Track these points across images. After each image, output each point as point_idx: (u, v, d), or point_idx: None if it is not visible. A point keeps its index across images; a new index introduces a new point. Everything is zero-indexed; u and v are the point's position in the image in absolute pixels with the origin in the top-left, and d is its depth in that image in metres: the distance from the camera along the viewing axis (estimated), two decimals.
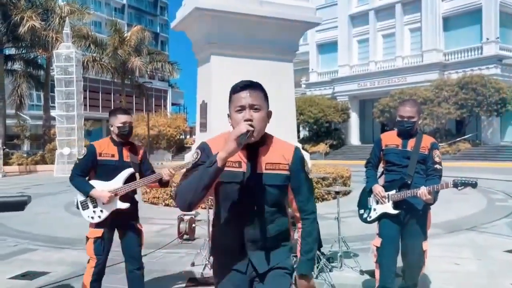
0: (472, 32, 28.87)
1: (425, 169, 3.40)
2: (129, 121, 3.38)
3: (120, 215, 3.34)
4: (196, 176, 1.76)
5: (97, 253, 3.31)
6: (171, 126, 35.40)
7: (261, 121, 1.83)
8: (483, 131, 28.57)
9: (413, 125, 3.38)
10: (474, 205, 8.79)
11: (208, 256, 4.59)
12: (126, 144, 3.44)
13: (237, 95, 1.85)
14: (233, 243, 1.90)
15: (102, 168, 3.34)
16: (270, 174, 1.86)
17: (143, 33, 26.84)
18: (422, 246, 3.40)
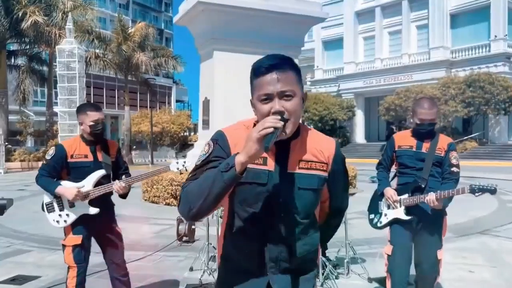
0: (480, 30, 28.46)
1: (440, 172, 3.15)
2: (101, 117, 3.07)
3: (95, 219, 3.08)
4: (208, 180, 1.36)
5: (78, 262, 3.06)
6: (174, 123, 35.19)
7: (296, 112, 1.41)
8: (490, 129, 28.19)
9: (433, 127, 3.16)
10: (484, 207, 8.50)
11: (207, 261, 4.35)
12: (98, 142, 3.14)
13: (261, 80, 1.41)
14: (250, 262, 1.50)
15: (76, 170, 3.05)
16: (304, 174, 1.46)
17: (147, 29, 26.60)
18: (436, 255, 3.16)
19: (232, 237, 1.53)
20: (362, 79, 33.40)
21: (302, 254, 1.51)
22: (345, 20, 34.93)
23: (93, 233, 3.16)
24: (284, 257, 1.48)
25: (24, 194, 11.04)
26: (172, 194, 8.68)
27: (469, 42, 28.71)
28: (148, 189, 9.35)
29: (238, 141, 1.43)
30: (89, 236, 3.14)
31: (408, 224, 3.16)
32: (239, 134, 1.47)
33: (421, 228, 3.16)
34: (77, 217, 3.04)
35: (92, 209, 3.05)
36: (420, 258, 3.20)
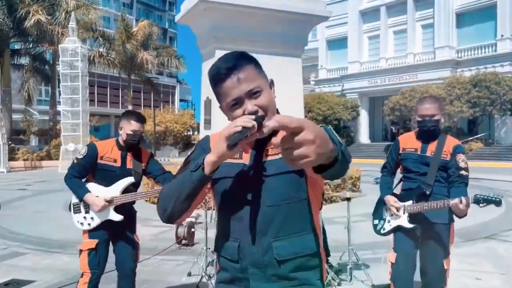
0: (486, 29, 28.17)
1: (446, 176, 2.96)
2: (141, 130, 3.03)
3: (115, 225, 3.01)
4: (179, 181, 1.32)
5: (92, 267, 2.97)
6: (178, 122, 35.13)
7: (270, 105, 1.32)
8: (496, 130, 27.91)
9: (437, 124, 2.96)
10: (491, 210, 8.23)
11: (205, 266, 4.22)
12: (131, 150, 3.09)
13: (223, 86, 1.31)
14: (234, 265, 1.36)
15: (101, 172, 3.02)
16: (273, 160, 1.32)
17: (151, 28, 26.56)
18: (443, 264, 3.00)
19: (220, 235, 1.42)
20: (366, 78, 33.16)
21: (284, 257, 1.31)
22: (349, 19, 34.69)
23: (111, 238, 3.09)
24: (266, 262, 1.32)
25: (25, 194, 10.96)
26: None
27: (475, 42, 28.41)
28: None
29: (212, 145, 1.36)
30: (107, 243, 3.06)
31: (412, 232, 3.02)
32: None
33: (426, 236, 3.01)
34: (101, 222, 2.98)
35: (116, 216, 3.00)
36: (425, 268, 3.06)
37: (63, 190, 3.18)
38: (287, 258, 1.32)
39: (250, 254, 1.33)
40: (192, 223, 5.69)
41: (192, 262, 4.57)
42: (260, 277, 1.33)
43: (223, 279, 1.42)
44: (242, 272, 1.35)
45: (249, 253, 1.33)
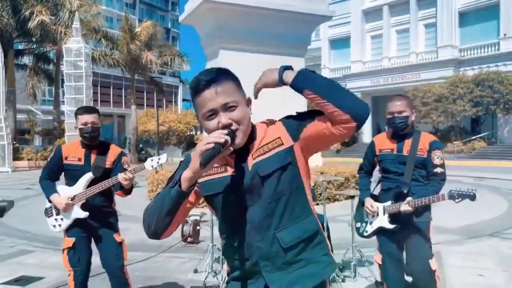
0: (489, 28, 28.13)
1: (425, 175, 2.96)
2: (91, 121, 2.97)
3: (91, 224, 3.05)
4: (160, 198, 1.40)
5: (73, 265, 3.03)
6: (181, 122, 35.21)
7: (244, 120, 1.39)
8: (499, 129, 27.86)
9: (406, 120, 2.92)
10: (494, 209, 8.35)
11: (211, 263, 4.28)
12: (94, 147, 3.09)
13: (201, 98, 1.38)
14: (246, 263, 1.46)
15: (68, 173, 3.06)
16: (261, 161, 1.42)
17: (155, 28, 26.62)
18: (430, 266, 2.93)
19: (225, 236, 1.53)
20: (369, 78, 33.18)
21: (290, 243, 1.42)
22: (352, 19, 34.71)
23: (90, 236, 3.12)
24: (273, 253, 1.42)
25: (30, 194, 11.05)
26: None
27: (478, 41, 28.39)
28: (154, 188, 9.31)
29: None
30: (85, 240, 3.09)
31: (393, 233, 3.01)
32: None
33: (408, 236, 2.98)
34: (70, 222, 3.02)
35: (81, 213, 3.01)
36: (413, 272, 3.01)
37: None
38: (292, 243, 1.43)
39: (257, 249, 1.43)
40: (197, 221, 5.75)
41: (198, 259, 4.64)
42: (271, 267, 1.43)
43: (236, 277, 1.52)
44: (253, 266, 1.45)
45: (257, 249, 1.43)
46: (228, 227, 1.51)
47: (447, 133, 28.00)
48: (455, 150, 25.71)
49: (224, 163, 1.45)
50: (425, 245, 2.95)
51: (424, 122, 27.71)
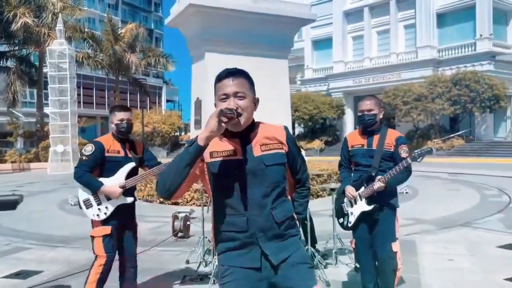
0: (465, 29, 28.99)
1: (392, 167, 3.23)
2: (126, 117, 3.38)
3: (123, 211, 3.35)
4: (177, 158, 1.73)
5: (108, 251, 3.29)
6: (165, 123, 35.29)
7: (247, 108, 1.78)
8: (476, 127, 28.73)
9: (374, 118, 3.26)
10: (467, 201, 8.84)
11: (203, 254, 4.59)
12: (126, 140, 3.47)
13: (221, 84, 1.80)
14: (242, 235, 1.79)
15: (110, 164, 3.34)
16: (267, 155, 1.82)
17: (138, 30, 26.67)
18: (391, 247, 3.25)
19: (223, 218, 1.83)
20: (351, 78, 33.79)
21: (281, 219, 1.82)
22: (334, 20, 35.28)
23: (121, 223, 3.39)
24: (269, 225, 1.80)
25: None
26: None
27: (455, 41, 29.21)
28: (142, 188, 9.54)
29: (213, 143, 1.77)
30: (118, 227, 3.37)
31: (364, 219, 3.31)
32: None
33: (376, 223, 3.29)
34: (114, 208, 3.30)
35: (128, 199, 3.35)
36: (376, 252, 3.31)
37: (55, 191, 3.44)
38: (282, 220, 1.85)
39: (256, 222, 1.79)
40: (187, 217, 6.04)
41: (188, 252, 4.94)
42: (265, 238, 1.81)
43: (231, 247, 1.83)
44: (250, 237, 1.80)
45: (255, 222, 1.79)
46: (229, 203, 1.82)
47: (427, 131, 28.75)
48: (434, 148, 26.43)
49: (231, 149, 1.81)
50: (389, 230, 3.27)
51: (405, 121, 28.41)
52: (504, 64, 28.13)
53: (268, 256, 1.80)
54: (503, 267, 4.49)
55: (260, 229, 1.80)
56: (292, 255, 1.84)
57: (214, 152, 1.81)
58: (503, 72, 27.95)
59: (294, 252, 1.86)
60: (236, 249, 1.82)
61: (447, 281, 4.13)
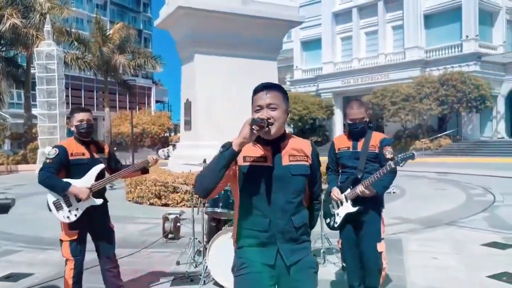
0: (452, 30, 29.34)
1: (378, 169, 3.31)
2: (86, 118, 3.38)
3: (93, 214, 3.36)
4: (213, 161, 1.92)
5: (74, 255, 3.31)
6: (155, 123, 35.16)
7: (278, 119, 1.95)
8: (463, 127, 29.11)
9: (365, 125, 3.40)
10: (452, 201, 9.01)
11: (193, 255, 4.64)
12: (90, 142, 3.48)
13: (256, 96, 1.99)
14: (263, 234, 1.98)
15: (76, 168, 3.32)
16: (294, 165, 1.99)
17: (127, 30, 26.53)
18: (376, 247, 3.33)
19: (246, 216, 2.01)
20: (340, 78, 34.01)
21: (299, 225, 2.00)
22: (323, 21, 35.47)
23: (89, 227, 3.40)
24: (288, 228, 1.98)
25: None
26: (155, 194, 8.90)
27: (442, 42, 29.55)
28: (132, 189, 9.55)
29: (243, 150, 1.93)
30: (85, 231, 3.39)
31: (349, 219, 3.39)
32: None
33: (361, 222, 3.37)
34: (83, 211, 3.30)
35: (97, 200, 3.35)
36: (362, 252, 3.38)
37: (44, 193, 3.42)
38: (299, 225, 2.03)
39: (277, 225, 1.98)
40: (177, 218, 6.08)
41: (178, 253, 4.99)
42: (282, 239, 1.99)
43: (252, 243, 2.02)
44: (269, 238, 1.99)
45: (277, 224, 1.97)
46: (255, 204, 1.99)
47: (415, 131, 29.06)
48: (422, 148, 26.76)
49: (263, 155, 1.98)
50: (374, 230, 3.36)
51: (393, 121, 28.68)
52: (490, 64, 28.55)
53: (282, 256, 1.98)
54: (486, 264, 4.62)
55: (280, 231, 1.97)
56: (303, 259, 2.01)
57: (247, 156, 1.98)
58: (489, 73, 28.37)
59: (305, 257, 2.03)
60: (255, 246, 2.01)
61: (433, 279, 4.24)
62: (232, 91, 9.67)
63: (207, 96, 9.76)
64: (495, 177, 13.28)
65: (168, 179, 8.72)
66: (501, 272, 4.28)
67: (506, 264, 4.55)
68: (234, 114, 9.34)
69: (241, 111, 9.56)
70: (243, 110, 8.90)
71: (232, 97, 9.61)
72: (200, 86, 9.82)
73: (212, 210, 4.28)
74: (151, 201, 9.01)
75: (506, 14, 30.25)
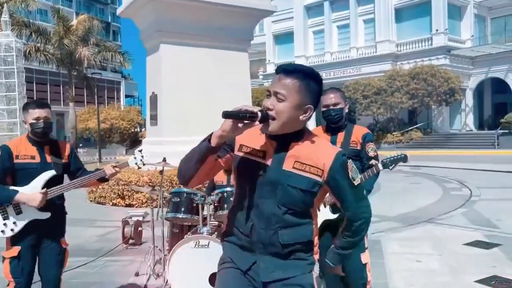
0: (422, 24, 29.58)
1: (359, 167, 2.94)
2: (44, 116, 2.78)
3: (42, 228, 2.76)
4: (192, 150, 1.65)
5: (15, 276, 2.72)
6: (124, 119, 34.11)
7: (283, 113, 1.55)
8: (433, 120, 29.50)
9: (341, 112, 2.92)
10: (429, 195, 8.80)
11: (153, 265, 4.14)
12: (46, 143, 2.86)
13: (273, 79, 1.63)
14: (244, 239, 1.67)
15: (22, 172, 2.74)
16: (295, 174, 1.60)
17: (91, 22, 25.38)
18: (360, 259, 2.93)
19: (235, 208, 1.73)
20: None
21: (287, 242, 1.61)
22: (295, 14, 35.18)
23: (36, 242, 2.81)
24: (268, 241, 1.62)
25: None
26: (119, 194, 8.30)
27: (413, 36, 29.76)
28: (94, 189, 8.88)
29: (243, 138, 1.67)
30: (32, 248, 2.79)
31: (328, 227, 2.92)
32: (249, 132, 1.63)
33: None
34: (25, 224, 2.72)
35: (42, 214, 2.73)
36: (343, 264, 3.01)
37: None
38: (288, 242, 1.62)
39: (259, 233, 1.63)
40: (139, 222, 5.55)
41: (139, 262, 4.46)
42: (264, 251, 1.64)
43: (233, 241, 1.73)
44: (250, 244, 1.66)
45: (259, 232, 1.63)
46: (242, 203, 1.68)
47: (386, 124, 29.23)
48: (394, 141, 26.90)
49: (263, 150, 1.64)
50: None
51: (365, 115, 28.75)
52: (459, 58, 28.94)
53: (259, 269, 1.65)
54: (471, 267, 4.31)
55: (262, 241, 1.64)
56: (292, 278, 1.64)
57: (244, 146, 1.68)
58: (458, 66, 28.75)
59: (297, 276, 1.64)
60: (235, 245, 1.73)
61: (417, 285, 3.89)
62: (200, 83, 9.14)
63: (173, 89, 9.18)
64: (468, 170, 13.27)
65: (131, 178, 8.13)
66: (489, 276, 3.97)
67: (492, 267, 4.26)
68: (202, 108, 8.83)
69: (211, 104, 9.16)
70: (213, 104, 8.43)
71: (200, 90, 9.08)
72: (166, 78, 9.22)
73: (174, 216, 3.78)
74: (114, 202, 8.39)
75: (474, 9, 30.69)
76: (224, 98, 8.27)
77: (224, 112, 1.49)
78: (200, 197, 3.68)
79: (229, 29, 9.58)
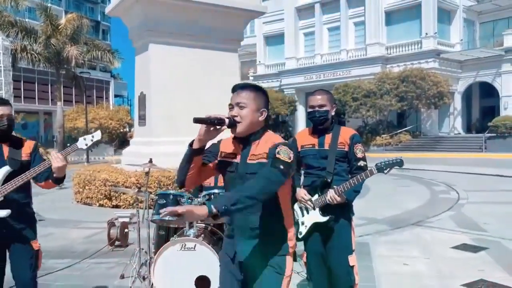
0: (412, 27, 29.78)
1: (347, 169, 2.93)
2: (6, 113, 2.73)
3: (8, 228, 2.67)
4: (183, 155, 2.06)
5: None
6: (113, 118, 33.82)
7: (247, 116, 2.00)
8: (422, 123, 29.69)
9: (326, 114, 2.88)
10: (417, 198, 8.83)
11: (138, 268, 4.06)
12: (5, 140, 2.79)
13: (232, 96, 2.06)
14: (229, 227, 2.13)
15: None
16: (251, 164, 2.01)
17: (81, 21, 25.12)
18: (348, 261, 2.87)
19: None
20: (303, 74, 33.85)
21: (257, 226, 1.99)
22: (285, 16, 35.19)
23: (4, 243, 2.73)
24: (242, 225, 2.03)
25: None
26: (106, 195, 8.19)
27: (403, 39, 29.94)
28: (80, 190, 8.76)
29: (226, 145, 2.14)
30: None
31: (317, 230, 2.94)
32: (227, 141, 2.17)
33: (329, 233, 2.92)
34: None
35: (1, 212, 2.61)
36: (331, 267, 2.94)
37: None
38: (256, 226, 2.01)
39: (237, 220, 2.05)
40: (125, 224, 5.47)
41: (124, 264, 4.39)
42: (240, 235, 2.06)
43: (226, 235, 2.18)
44: (232, 231, 2.10)
45: (236, 219, 2.05)
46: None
47: (375, 126, 29.36)
48: (383, 143, 27.03)
49: (234, 152, 2.08)
50: (345, 242, 2.91)
51: (355, 117, 28.85)
52: (448, 62, 29.18)
53: (236, 251, 2.04)
54: (458, 271, 4.31)
55: (238, 226, 2.05)
56: (261, 257, 1.99)
57: (223, 152, 2.11)
58: (447, 70, 28.98)
59: (265, 255, 1.99)
60: (227, 237, 2.16)
61: None
62: (189, 83, 9.07)
63: (162, 89, 9.10)
64: (456, 173, 13.36)
65: (119, 178, 8.03)
66: (476, 280, 3.97)
67: (479, 271, 4.26)
68: (191, 109, 8.71)
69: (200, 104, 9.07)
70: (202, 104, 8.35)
71: (189, 90, 9.01)
72: (155, 78, 9.14)
73: (159, 218, 3.71)
74: (100, 202, 8.27)
75: (463, 13, 30.99)
76: (213, 98, 8.19)
77: (194, 118, 1.83)
78: (187, 199, 3.63)
79: (219, 30, 9.53)
